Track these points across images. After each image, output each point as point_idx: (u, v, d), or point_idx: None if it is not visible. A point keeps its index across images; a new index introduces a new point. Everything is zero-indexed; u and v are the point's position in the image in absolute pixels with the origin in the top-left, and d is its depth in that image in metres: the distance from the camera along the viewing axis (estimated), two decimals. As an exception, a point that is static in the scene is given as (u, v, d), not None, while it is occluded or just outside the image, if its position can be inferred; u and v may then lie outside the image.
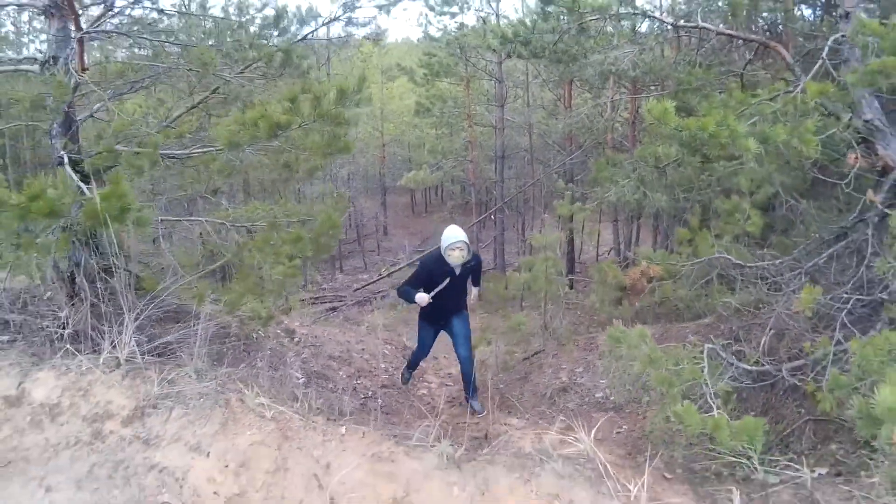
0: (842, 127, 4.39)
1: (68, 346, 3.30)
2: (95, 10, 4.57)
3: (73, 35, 4.06)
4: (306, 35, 4.96)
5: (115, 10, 4.34)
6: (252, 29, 4.84)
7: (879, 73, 3.83)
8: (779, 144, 3.94)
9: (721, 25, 7.15)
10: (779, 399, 4.76)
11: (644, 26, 7.75)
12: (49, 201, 2.83)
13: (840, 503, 2.56)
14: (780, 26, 7.51)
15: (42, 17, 4.20)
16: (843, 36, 4.54)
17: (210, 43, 4.87)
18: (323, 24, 4.96)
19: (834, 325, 4.04)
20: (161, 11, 4.93)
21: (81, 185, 3.64)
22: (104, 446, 2.70)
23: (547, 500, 2.43)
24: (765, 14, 7.50)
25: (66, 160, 3.82)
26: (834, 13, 5.91)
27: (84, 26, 4.30)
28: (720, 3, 6.09)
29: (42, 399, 2.94)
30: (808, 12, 7.60)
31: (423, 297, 5.05)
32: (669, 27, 7.04)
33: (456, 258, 5.07)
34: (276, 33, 4.61)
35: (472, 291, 5.70)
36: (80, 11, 4.28)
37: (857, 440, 3.35)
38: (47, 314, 3.90)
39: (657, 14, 6.84)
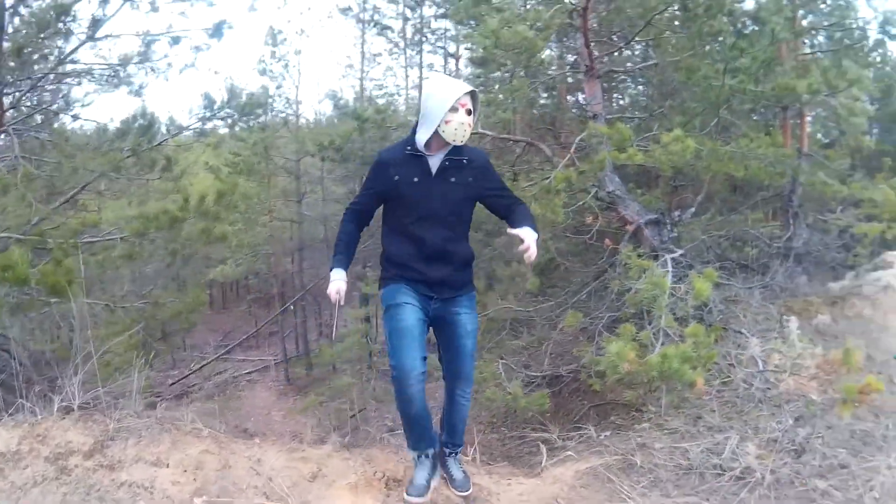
0: (590, 199, 5.78)
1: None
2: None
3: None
4: (161, 141, 5.90)
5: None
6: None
7: (605, 163, 5.26)
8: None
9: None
10: (567, 398, 6.24)
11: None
12: (20, 272, 3.50)
13: (620, 443, 3.59)
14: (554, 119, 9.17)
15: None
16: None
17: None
18: (178, 133, 5.96)
19: (594, 336, 5.38)
20: (76, 117, 5.61)
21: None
22: (71, 478, 3.12)
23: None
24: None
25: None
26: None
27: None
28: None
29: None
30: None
31: (336, 279, 2.79)
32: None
33: (455, 129, 2.68)
34: (146, 140, 5.46)
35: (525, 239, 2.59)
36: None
37: (630, 411, 4.53)
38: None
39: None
